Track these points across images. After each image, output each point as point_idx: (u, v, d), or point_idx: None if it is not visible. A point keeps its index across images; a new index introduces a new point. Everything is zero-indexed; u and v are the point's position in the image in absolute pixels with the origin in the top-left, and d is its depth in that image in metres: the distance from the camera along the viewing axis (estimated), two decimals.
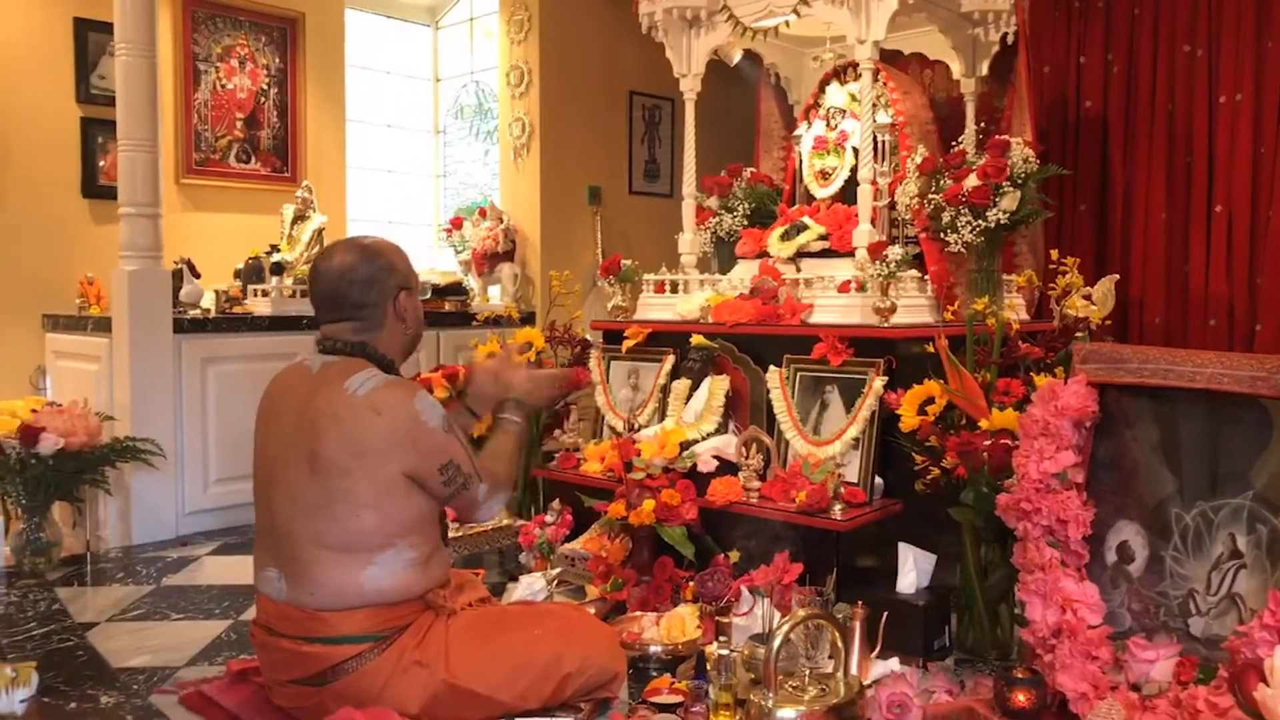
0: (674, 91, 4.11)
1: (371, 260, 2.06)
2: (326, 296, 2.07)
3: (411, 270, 2.15)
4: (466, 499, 2.06)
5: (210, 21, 4.87)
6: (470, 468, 2.04)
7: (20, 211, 4.31)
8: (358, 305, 2.05)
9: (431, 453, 1.98)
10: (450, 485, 2.01)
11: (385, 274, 2.06)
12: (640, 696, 2.22)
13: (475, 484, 2.05)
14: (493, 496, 2.11)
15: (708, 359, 3.33)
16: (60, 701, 2.27)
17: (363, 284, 2.04)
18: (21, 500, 3.30)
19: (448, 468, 2.00)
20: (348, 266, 2.04)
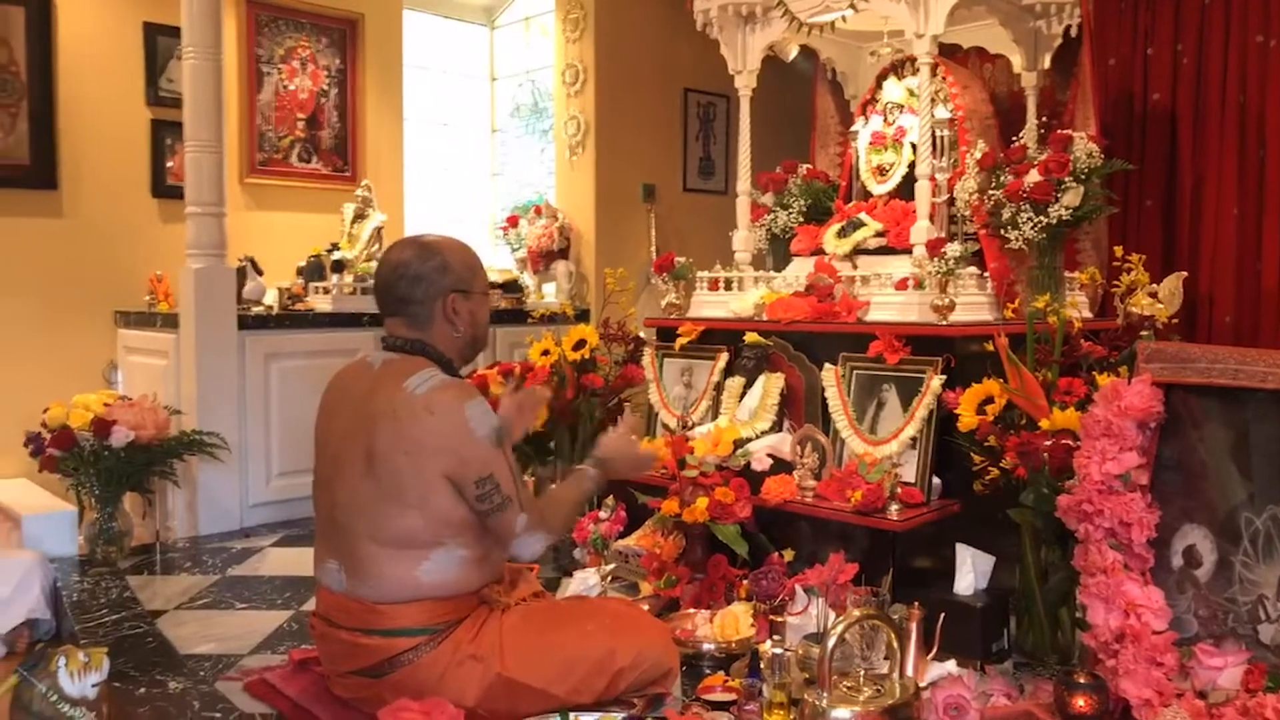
0: (729, 88, 4.10)
1: (425, 258, 2.07)
2: (380, 289, 2.11)
3: (473, 275, 2.13)
4: (502, 523, 2.02)
5: (273, 24, 4.97)
6: (511, 491, 2.01)
7: (93, 212, 4.45)
8: (405, 300, 2.07)
9: (472, 462, 1.97)
10: (485, 502, 1.98)
11: (437, 273, 2.07)
12: (693, 693, 2.23)
13: (513, 510, 2.01)
14: (532, 533, 2.04)
15: (762, 357, 3.32)
16: (130, 686, 2.35)
17: (411, 280, 2.06)
18: (95, 491, 3.41)
19: (485, 482, 1.98)
20: (401, 261, 2.07)
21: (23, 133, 4.24)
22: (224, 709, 2.23)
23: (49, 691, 1.78)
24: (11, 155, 4.22)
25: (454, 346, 2.12)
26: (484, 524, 2.03)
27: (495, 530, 2.04)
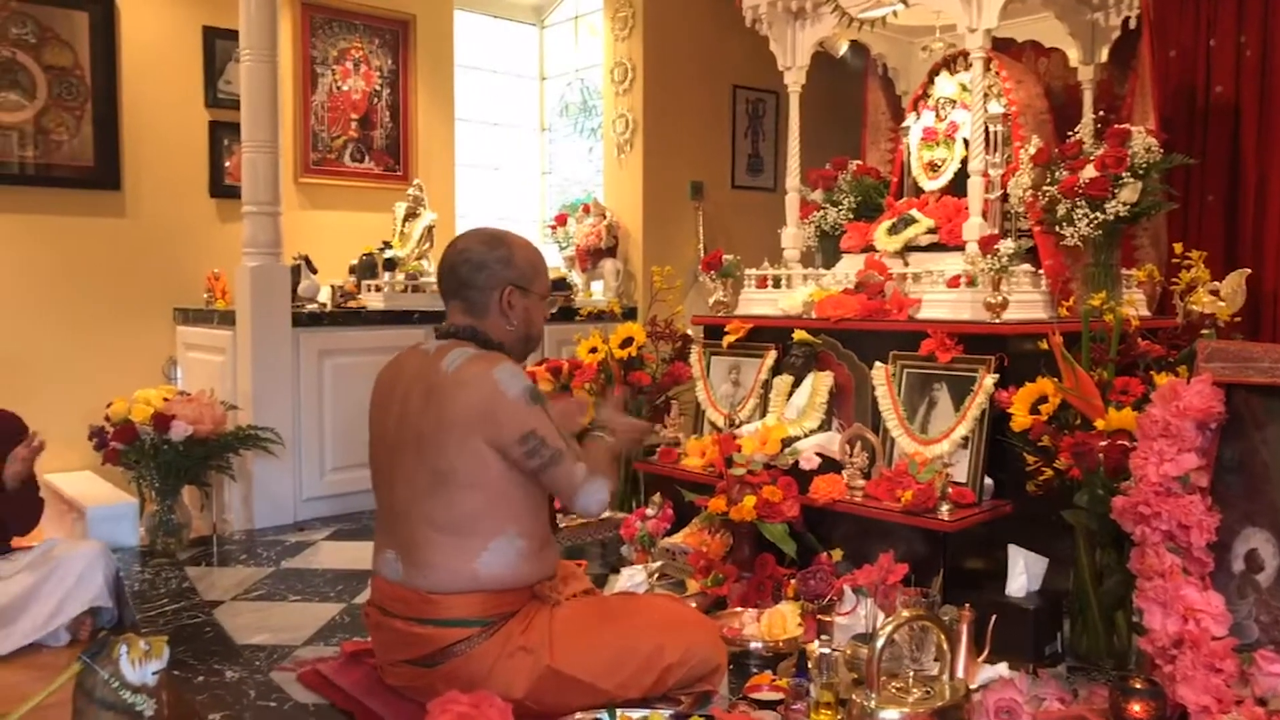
0: (778, 85, 4.07)
1: (491, 248, 2.11)
2: (444, 270, 2.14)
3: (534, 274, 2.14)
4: (561, 477, 2.01)
5: (327, 26, 5.05)
6: (560, 444, 2.00)
7: (154, 211, 4.56)
8: (464, 284, 2.10)
9: (510, 422, 1.96)
10: (535, 457, 1.97)
11: (499, 264, 2.09)
12: (741, 692, 2.23)
13: (568, 460, 2.00)
14: (593, 481, 2.03)
15: (811, 355, 3.30)
16: (189, 674, 2.40)
17: (473, 265, 2.09)
18: (155, 483, 3.49)
19: (528, 438, 1.97)
20: (468, 247, 2.12)
21: (87, 135, 4.36)
22: (278, 698, 2.27)
23: (111, 678, 1.83)
24: (77, 157, 4.34)
25: (507, 338, 2.14)
26: (542, 483, 2.03)
27: (556, 486, 2.03)
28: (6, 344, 3.30)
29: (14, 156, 4.19)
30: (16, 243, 4.21)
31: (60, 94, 4.29)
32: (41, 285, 4.26)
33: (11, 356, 3.19)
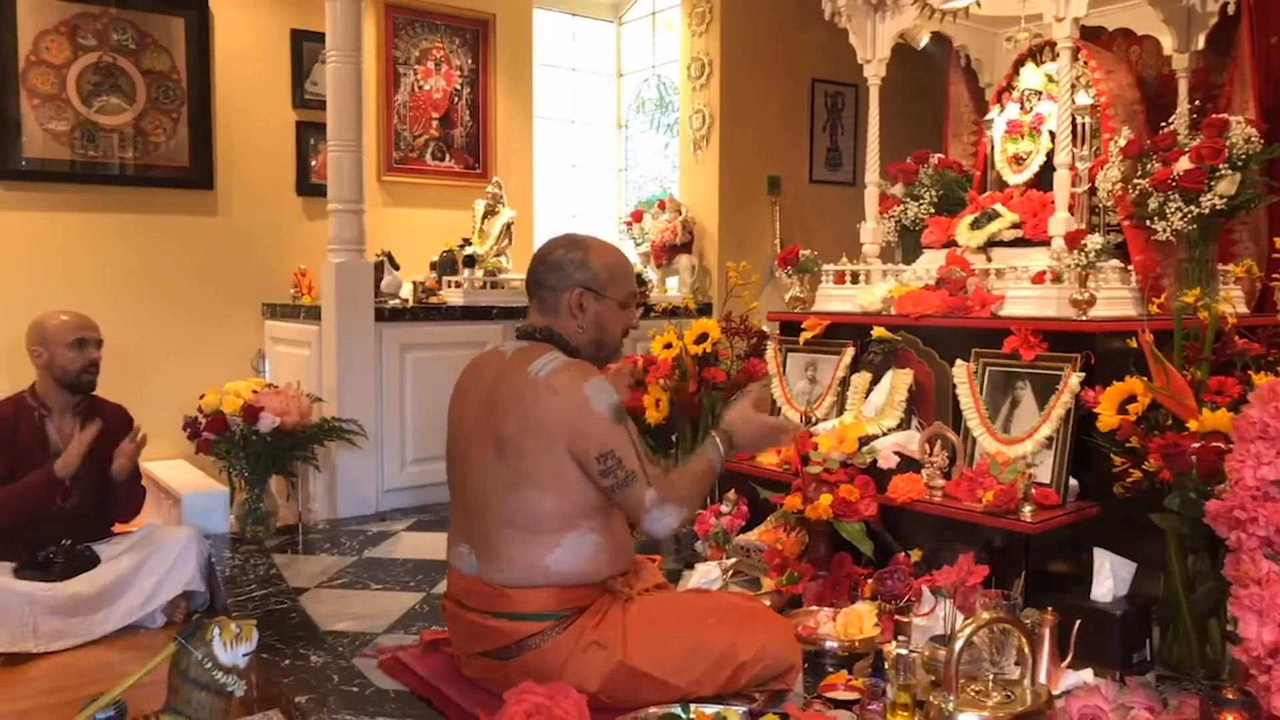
0: (858, 77, 4.02)
1: (569, 250, 2.15)
2: (529, 268, 2.21)
3: (610, 280, 2.15)
4: (630, 498, 2.03)
5: (409, 27, 5.15)
6: (636, 466, 2.02)
7: (244, 210, 4.71)
8: (539, 283, 2.16)
9: (592, 438, 2.00)
10: (609, 477, 2.01)
11: (573, 266, 2.12)
12: (815, 691, 2.21)
13: (639, 484, 2.02)
14: (663, 507, 2.05)
15: (890, 352, 3.26)
16: (276, 658, 2.48)
17: (550, 266, 2.14)
18: (244, 473, 3.61)
19: (606, 458, 2.00)
20: (550, 249, 2.18)
21: (183, 137, 4.53)
22: (360, 684, 2.33)
23: (204, 659, 1.89)
24: (173, 158, 4.51)
25: (578, 340, 2.15)
26: (613, 501, 2.06)
27: (624, 506, 2.07)
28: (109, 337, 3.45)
29: (115, 158, 4.37)
30: (117, 241, 4.39)
31: (158, 97, 4.46)
32: (140, 282, 4.43)
33: (113, 349, 3.33)
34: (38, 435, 3.15)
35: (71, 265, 4.27)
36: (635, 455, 2.03)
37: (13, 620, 2.85)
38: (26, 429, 3.16)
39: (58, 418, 3.19)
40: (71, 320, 3.20)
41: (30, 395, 3.21)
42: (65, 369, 3.16)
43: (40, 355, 3.17)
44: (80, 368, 3.18)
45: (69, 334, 3.17)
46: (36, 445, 3.14)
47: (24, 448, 3.13)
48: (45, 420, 3.18)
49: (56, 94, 4.22)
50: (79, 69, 4.27)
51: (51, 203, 4.25)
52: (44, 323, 3.19)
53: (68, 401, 3.21)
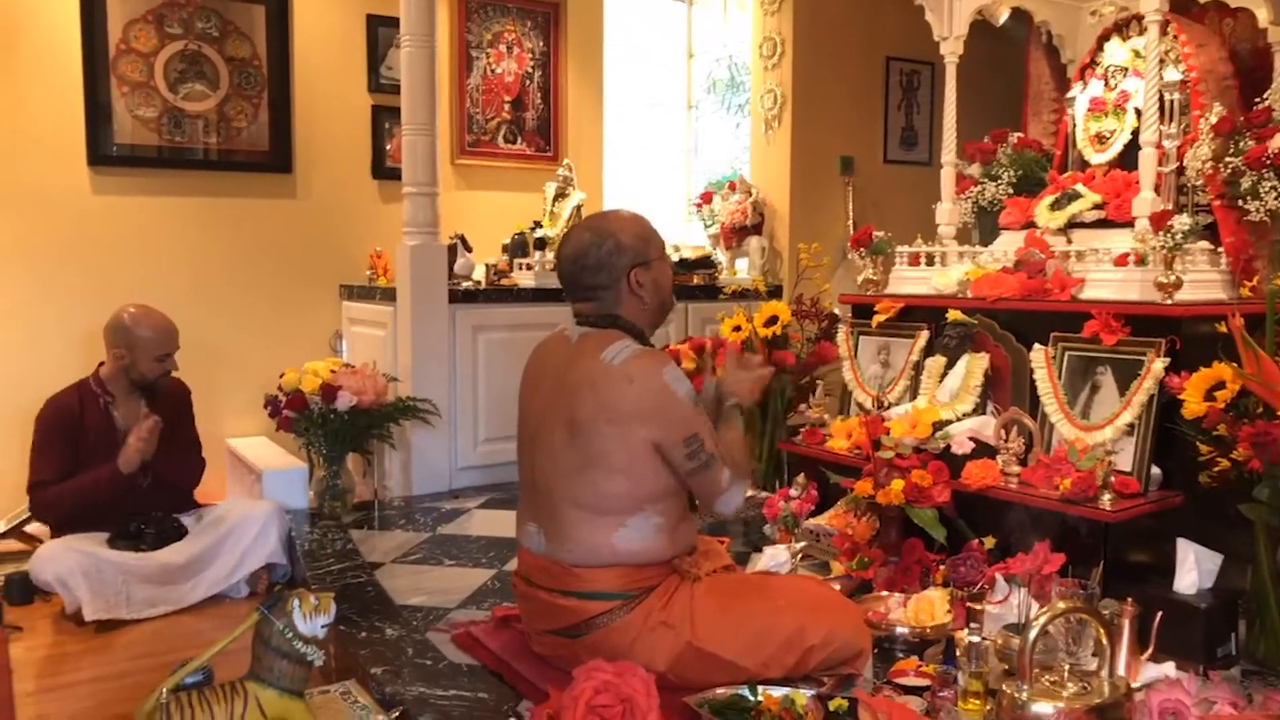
0: (934, 55, 3.93)
1: (599, 244, 2.12)
2: (566, 280, 2.19)
3: (648, 243, 2.16)
4: (709, 480, 2.08)
5: (482, 10, 5.18)
6: (714, 448, 2.07)
7: (322, 193, 4.81)
8: (591, 288, 2.14)
9: (678, 423, 2.03)
10: (694, 459, 2.04)
11: (614, 256, 2.12)
12: (885, 676, 2.19)
13: (718, 465, 2.07)
14: (735, 485, 2.11)
15: (965, 335, 3.20)
16: (352, 630, 2.55)
17: (593, 269, 2.12)
18: (322, 450, 3.70)
19: (692, 440, 2.04)
20: (579, 252, 2.13)
21: (263, 121, 4.63)
22: (433, 657, 2.38)
23: (285, 629, 1.96)
24: (254, 142, 4.62)
25: (643, 316, 2.18)
26: (689, 484, 2.08)
27: (701, 488, 2.09)
28: (193, 318, 3.59)
29: (199, 143, 4.50)
30: (202, 224, 4.52)
31: (240, 83, 4.57)
32: (223, 264, 4.56)
33: (197, 330, 3.46)
34: (104, 420, 3.24)
35: (159, 247, 4.42)
36: (712, 437, 2.08)
37: (108, 588, 2.98)
38: (92, 416, 3.24)
39: (122, 403, 3.28)
40: (159, 336, 3.27)
41: (94, 382, 3.29)
42: (145, 375, 3.26)
43: (122, 358, 3.25)
44: (158, 375, 3.29)
45: (157, 348, 3.26)
46: (104, 430, 3.23)
47: (91, 434, 3.22)
48: (110, 406, 3.27)
49: (145, 81, 4.36)
50: (166, 57, 4.40)
51: (140, 187, 4.39)
52: (132, 330, 3.24)
53: (132, 387, 3.30)
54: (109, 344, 3.28)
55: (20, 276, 4.14)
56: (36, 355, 4.11)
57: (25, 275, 4.14)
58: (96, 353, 3.39)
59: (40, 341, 4.13)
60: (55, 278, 4.19)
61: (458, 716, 2.06)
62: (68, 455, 3.16)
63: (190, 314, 4.41)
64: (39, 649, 2.87)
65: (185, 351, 3.39)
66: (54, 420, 3.18)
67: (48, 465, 3.15)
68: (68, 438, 3.17)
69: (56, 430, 3.17)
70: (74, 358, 3.90)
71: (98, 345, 3.35)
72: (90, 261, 4.26)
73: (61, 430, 3.17)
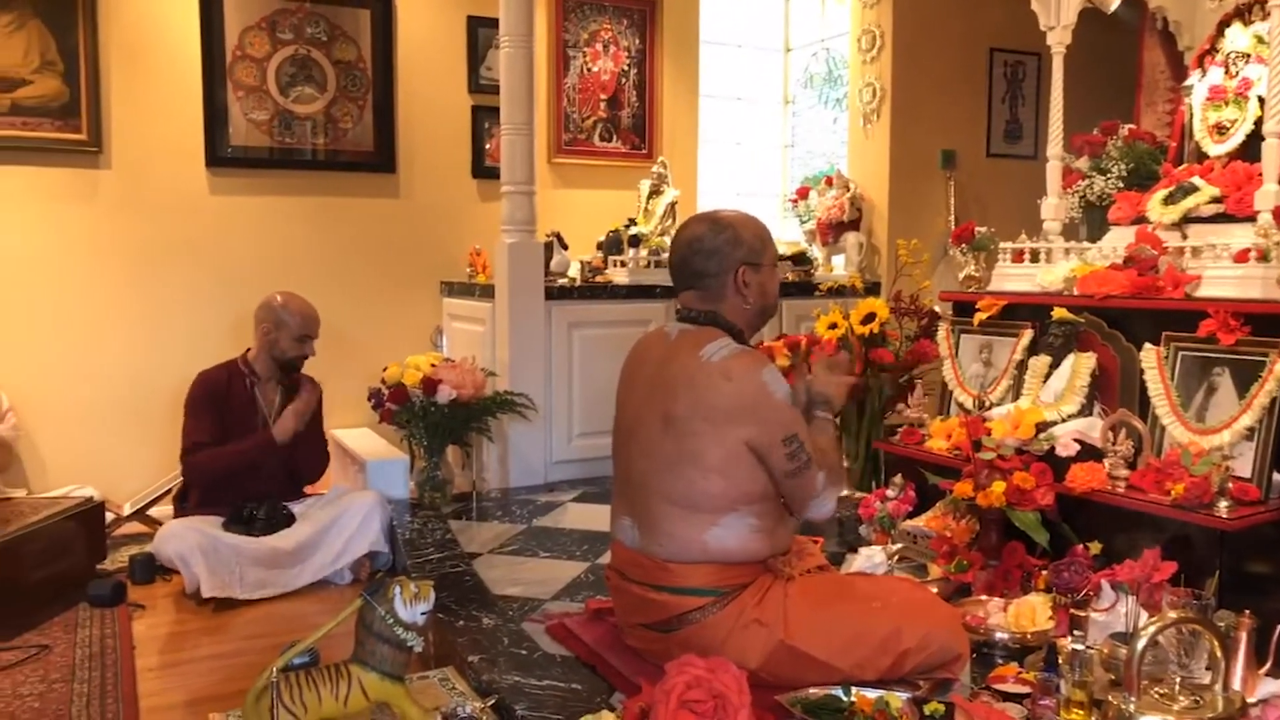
0: (1040, 45, 3.81)
1: (717, 233, 2.14)
2: (676, 264, 2.20)
3: (763, 247, 2.17)
4: (805, 483, 2.06)
5: (579, 10, 5.24)
6: (812, 451, 2.06)
7: (423, 192, 4.93)
8: (699, 274, 2.15)
9: (775, 424, 2.02)
10: (794, 460, 2.03)
11: (729, 247, 2.12)
12: (983, 682, 2.15)
13: (814, 469, 2.06)
14: (829, 489, 2.10)
15: (1071, 334, 3.10)
16: (450, 618, 2.61)
17: (705, 255, 2.13)
18: (423, 442, 3.81)
19: (791, 441, 2.03)
20: (695, 237, 2.15)
21: (368, 123, 4.78)
22: (528, 647, 2.42)
23: (386, 615, 2.02)
24: (359, 143, 4.77)
25: (744, 317, 2.18)
26: (786, 486, 2.07)
27: (796, 492, 2.08)
28: None
29: (308, 144, 4.66)
30: (310, 222, 4.69)
31: (346, 86, 4.72)
32: (330, 261, 4.72)
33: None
34: (248, 399, 3.50)
35: (270, 245, 4.60)
36: (810, 439, 2.07)
37: (223, 568, 3.13)
38: (238, 392, 3.50)
39: (264, 385, 3.51)
40: (305, 320, 3.53)
41: (242, 362, 3.55)
42: (285, 353, 3.50)
43: (269, 333, 3.50)
44: (295, 356, 3.50)
45: (300, 329, 3.52)
46: (247, 408, 3.48)
47: (235, 410, 3.47)
48: (254, 386, 3.50)
49: (258, 85, 4.54)
50: (278, 61, 4.57)
51: (252, 187, 4.58)
52: (280, 310, 3.51)
53: (274, 371, 3.52)
54: (258, 321, 3.53)
55: (149, 273, 4.36)
56: (165, 346, 4.33)
57: (153, 272, 4.37)
58: (220, 342, 3.60)
59: (168, 333, 4.35)
60: (179, 274, 4.40)
61: (551, 706, 2.09)
62: (215, 423, 3.42)
63: None
64: (160, 626, 3.03)
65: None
66: (203, 391, 3.46)
67: (200, 430, 3.41)
68: (214, 407, 3.43)
69: (205, 400, 3.44)
70: (199, 348, 4.11)
71: (221, 336, 3.57)
72: (209, 259, 4.46)
73: (210, 401, 3.44)
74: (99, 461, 4.17)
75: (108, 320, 4.29)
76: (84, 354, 4.24)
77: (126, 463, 4.19)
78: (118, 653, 2.75)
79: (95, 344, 4.26)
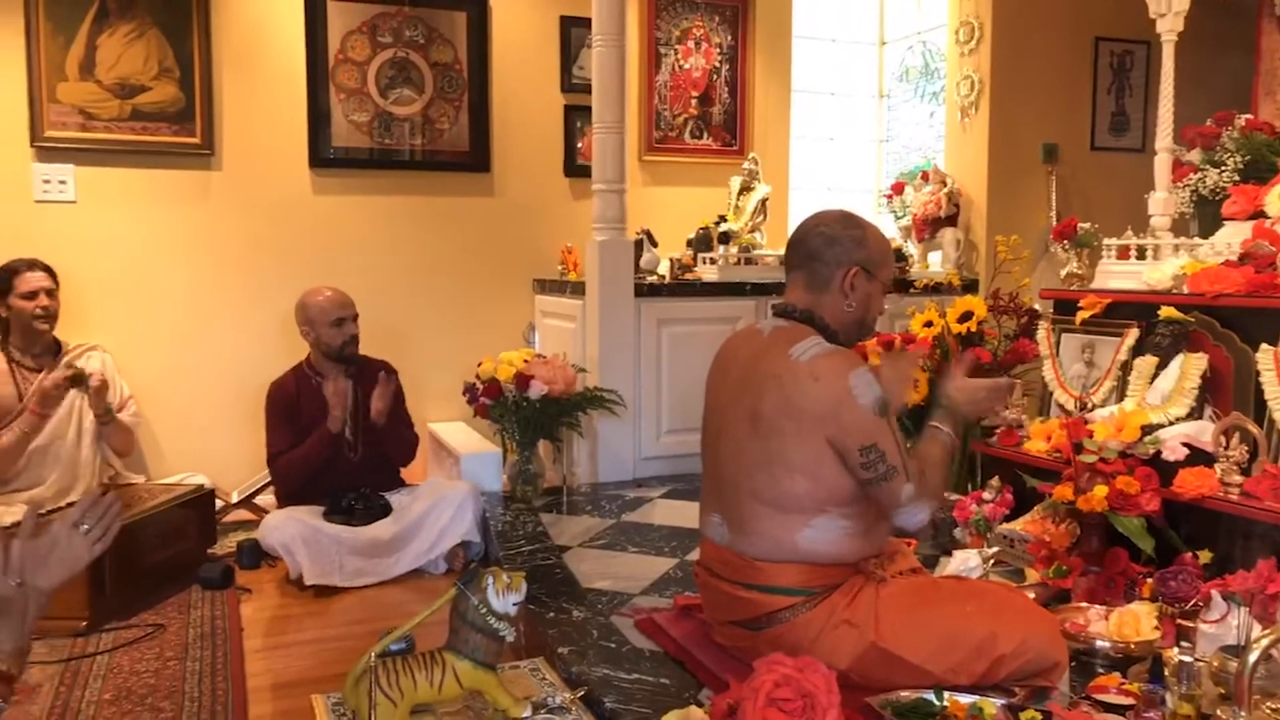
0: (1149, 34, 3.67)
1: (846, 226, 2.13)
2: (794, 241, 2.19)
3: (884, 261, 2.15)
4: (887, 493, 2.01)
5: (671, 7, 5.24)
6: (898, 461, 2.00)
7: (517, 191, 5.01)
8: (813, 256, 2.13)
9: (855, 430, 1.98)
10: (870, 470, 1.99)
11: (852, 244, 2.11)
12: (1084, 691, 2.08)
13: (899, 480, 2.00)
14: (918, 502, 2.03)
15: (1180, 334, 2.97)
16: (541, 610, 2.65)
17: (827, 240, 2.12)
18: (515, 436, 3.87)
19: (869, 450, 1.98)
20: (824, 221, 2.15)
21: (464, 123, 4.87)
22: (617, 641, 2.45)
23: (480, 605, 2.06)
24: (455, 143, 4.87)
25: (842, 320, 2.14)
26: (868, 494, 2.04)
27: (879, 500, 2.04)
28: (399, 310, 3.85)
29: (406, 145, 4.78)
30: (408, 221, 4.81)
31: (443, 87, 4.82)
32: (427, 258, 4.83)
33: (403, 321, 3.71)
34: (318, 398, 3.59)
35: (370, 244, 4.73)
36: (897, 449, 2.01)
37: (324, 556, 3.24)
38: (307, 396, 3.61)
39: (332, 382, 3.59)
40: (329, 302, 3.61)
41: (307, 366, 3.69)
42: (330, 344, 3.60)
43: (309, 334, 3.63)
44: (342, 343, 3.61)
45: (329, 315, 3.60)
46: (319, 407, 3.58)
47: (309, 411, 3.58)
48: (321, 386, 3.60)
49: (359, 88, 4.67)
50: (378, 64, 4.70)
51: (353, 187, 4.72)
52: (307, 306, 3.63)
53: (338, 366, 3.61)
54: (299, 328, 3.67)
55: (255, 271, 4.54)
56: (268, 340, 4.49)
57: (259, 270, 4.54)
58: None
59: (272, 328, 4.51)
60: (283, 272, 4.56)
61: (640, 700, 2.11)
62: (292, 429, 3.54)
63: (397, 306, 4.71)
64: (266, 609, 3.16)
65: (393, 340, 3.66)
66: (276, 400, 3.61)
67: (279, 438, 3.56)
68: (289, 414, 3.57)
69: (279, 408, 3.58)
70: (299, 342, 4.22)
71: None
72: (313, 257, 4.61)
73: (283, 408, 3.58)
74: (208, 450, 4.36)
75: (217, 315, 4.48)
76: (196, 347, 4.44)
77: (233, 452, 4.37)
78: (227, 633, 2.88)
79: (206, 338, 4.46)
